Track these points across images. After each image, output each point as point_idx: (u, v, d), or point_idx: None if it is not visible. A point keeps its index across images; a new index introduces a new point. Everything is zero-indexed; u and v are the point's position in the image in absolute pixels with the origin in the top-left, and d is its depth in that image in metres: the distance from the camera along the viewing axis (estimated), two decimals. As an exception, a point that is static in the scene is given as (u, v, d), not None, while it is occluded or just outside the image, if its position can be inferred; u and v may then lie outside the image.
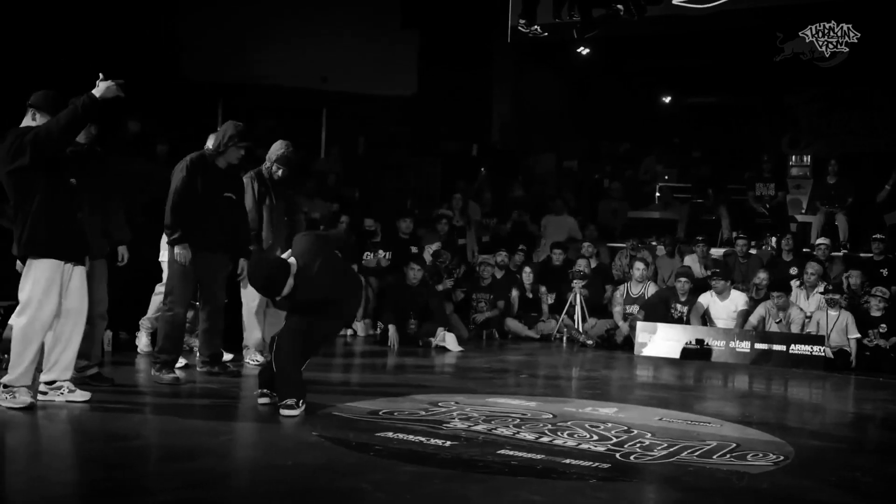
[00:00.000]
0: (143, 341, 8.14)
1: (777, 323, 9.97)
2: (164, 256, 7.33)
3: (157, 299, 7.82)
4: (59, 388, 5.62)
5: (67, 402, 5.58)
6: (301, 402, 5.49)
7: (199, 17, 13.82)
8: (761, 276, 10.57)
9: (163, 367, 6.65)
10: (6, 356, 5.65)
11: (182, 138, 8.97)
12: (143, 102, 10.78)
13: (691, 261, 11.81)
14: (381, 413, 5.64)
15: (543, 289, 11.54)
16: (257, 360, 7.72)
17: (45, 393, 5.58)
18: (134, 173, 8.24)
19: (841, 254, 11.66)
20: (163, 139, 10.43)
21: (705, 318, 10.46)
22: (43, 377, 5.59)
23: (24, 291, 5.42)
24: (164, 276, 7.24)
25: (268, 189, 7.78)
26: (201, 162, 6.77)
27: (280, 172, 7.80)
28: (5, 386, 5.36)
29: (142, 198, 8.13)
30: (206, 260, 6.77)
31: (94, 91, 5.30)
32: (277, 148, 7.85)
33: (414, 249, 11.33)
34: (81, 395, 5.67)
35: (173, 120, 11.31)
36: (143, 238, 7.50)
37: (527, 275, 11.50)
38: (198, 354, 7.24)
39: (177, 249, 6.66)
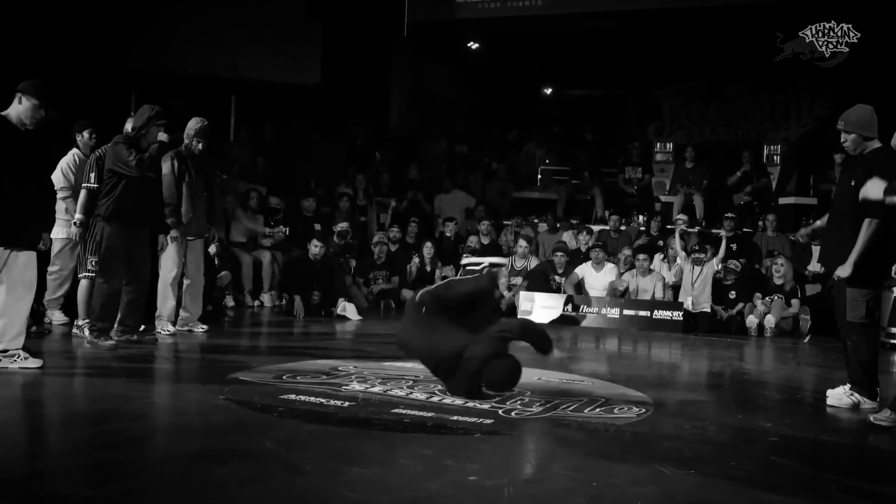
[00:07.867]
0: (56, 316, 7.88)
1: (636, 287, 10.41)
2: (57, 233, 7.24)
3: (50, 279, 7.67)
4: (13, 356, 5.50)
5: (20, 368, 5.43)
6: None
7: (116, 5, 13.36)
8: (677, 248, 10.85)
9: (100, 335, 6.57)
10: None
11: (101, 125, 8.54)
12: (61, 90, 10.25)
13: (568, 237, 12.05)
14: (284, 377, 5.58)
15: (439, 263, 11.63)
16: (169, 330, 7.54)
17: None
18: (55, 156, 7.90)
19: (696, 230, 12.07)
20: (81, 124, 10.00)
21: (580, 287, 10.70)
22: None
23: None
24: (52, 254, 7.33)
25: (187, 166, 7.63)
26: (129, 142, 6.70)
27: (200, 146, 7.67)
28: None
29: None
30: (132, 235, 6.74)
31: None
32: (193, 124, 7.73)
33: (317, 227, 11.21)
34: (34, 363, 5.53)
35: (89, 106, 10.82)
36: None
37: (427, 249, 11.55)
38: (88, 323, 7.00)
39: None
